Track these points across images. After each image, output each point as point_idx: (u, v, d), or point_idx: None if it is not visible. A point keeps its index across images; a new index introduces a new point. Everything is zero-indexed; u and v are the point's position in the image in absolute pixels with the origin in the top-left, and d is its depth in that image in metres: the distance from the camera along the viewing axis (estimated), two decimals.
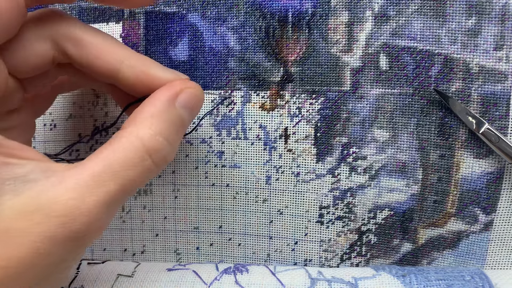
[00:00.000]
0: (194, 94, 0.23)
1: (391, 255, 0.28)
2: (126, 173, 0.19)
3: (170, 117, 0.22)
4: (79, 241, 0.19)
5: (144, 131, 0.20)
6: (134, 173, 0.20)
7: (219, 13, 0.28)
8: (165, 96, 0.22)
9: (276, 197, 0.29)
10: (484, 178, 0.26)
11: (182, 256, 0.31)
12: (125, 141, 0.20)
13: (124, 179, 0.19)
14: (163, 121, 0.21)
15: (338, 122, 0.27)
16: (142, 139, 0.20)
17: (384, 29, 0.26)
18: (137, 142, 0.20)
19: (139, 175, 0.20)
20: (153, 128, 0.21)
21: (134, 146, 0.20)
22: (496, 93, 0.25)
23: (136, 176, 0.20)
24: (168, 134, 0.21)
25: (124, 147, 0.20)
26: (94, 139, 0.31)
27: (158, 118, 0.21)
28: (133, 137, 0.20)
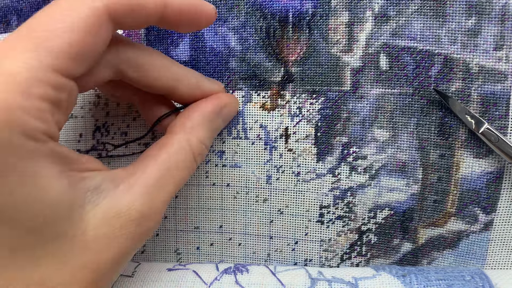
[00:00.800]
0: (235, 109, 0.28)
1: (391, 255, 0.28)
2: (180, 175, 0.23)
3: (212, 126, 0.26)
4: (150, 234, 0.22)
5: (193, 138, 0.24)
6: (186, 174, 0.23)
7: (219, 13, 0.28)
8: (213, 107, 0.25)
9: (276, 197, 0.29)
10: (484, 178, 0.26)
11: (182, 256, 0.31)
12: (178, 147, 0.23)
13: (179, 179, 0.23)
14: (207, 130, 0.25)
15: (339, 122, 0.28)
16: (191, 146, 0.24)
17: (384, 29, 0.26)
18: (187, 148, 0.24)
19: (188, 175, 0.24)
20: (199, 136, 0.24)
21: (186, 151, 0.23)
22: (496, 93, 0.25)
23: (186, 176, 0.24)
24: (208, 141, 0.25)
25: (178, 152, 0.23)
26: (95, 139, 0.31)
27: (204, 126, 0.25)
28: (184, 142, 0.24)
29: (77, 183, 0.20)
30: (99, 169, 0.22)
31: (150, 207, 0.21)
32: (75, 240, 0.19)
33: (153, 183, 0.22)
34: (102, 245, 0.20)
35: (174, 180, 0.23)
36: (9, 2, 0.31)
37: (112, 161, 0.31)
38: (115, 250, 0.20)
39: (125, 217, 0.21)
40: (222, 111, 0.26)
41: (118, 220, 0.21)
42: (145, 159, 0.23)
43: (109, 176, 0.21)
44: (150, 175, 0.22)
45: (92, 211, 0.20)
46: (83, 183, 0.20)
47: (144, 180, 0.22)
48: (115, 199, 0.21)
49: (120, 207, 0.21)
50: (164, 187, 0.22)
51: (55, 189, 0.19)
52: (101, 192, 0.21)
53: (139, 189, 0.21)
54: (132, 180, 0.22)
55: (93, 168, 0.21)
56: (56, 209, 0.19)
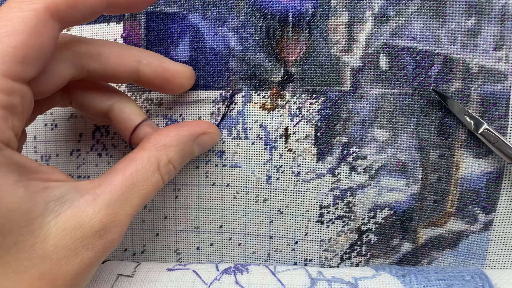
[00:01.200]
0: (213, 139, 0.28)
1: (391, 255, 0.28)
2: (145, 190, 0.23)
3: (185, 150, 0.26)
4: (112, 248, 0.22)
5: (163, 156, 0.24)
6: (151, 189, 0.24)
7: (219, 13, 0.28)
8: (190, 132, 0.26)
9: (276, 197, 0.29)
10: (483, 178, 0.26)
11: (182, 256, 0.31)
12: (147, 163, 0.24)
13: (144, 194, 0.23)
14: (178, 151, 0.25)
15: (338, 122, 0.28)
16: (159, 164, 0.24)
17: (384, 29, 0.26)
18: (155, 165, 0.24)
19: (154, 191, 0.24)
20: (169, 156, 0.25)
21: (153, 169, 0.24)
22: (496, 93, 0.25)
23: (152, 191, 0.24)
24: (178, 162, 0.25)
25: (145, 168, 0.23)
26: (94, 139, 0.31)
27: (176, 148, 0.25)
28: (153, 159, 0.24)
29: (37, 192, 0.20)
30: (64, 180, 0.22)
31: (113, 219, 0.21)
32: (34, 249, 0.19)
33: (118, 195, 0.22)
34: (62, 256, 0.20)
35: (139, 195, 0.23)
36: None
37: (112, 161, 0.31)
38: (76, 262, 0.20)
39: (87, 228, 0.21)
40: (200, 137, 0.26)
41: (79, 230, 0.20)
42: (113, 172, 0.23)
43: (74, 187, 0.21)
44: (116, 187, 0.22)
45: (54, 220, 0.20)
46: (45, 192, 0.20)
47: (110, 192, 0.22)
48: (78, 209, 0.21)
49: (82, 217, 0.21)
50: (129, 200, 0.22)
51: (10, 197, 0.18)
52: (65, 202, 0.21)
53: (104, 201, 0.21)
54: (98, 191, 0.22)
55: (57, 178, 0.21)
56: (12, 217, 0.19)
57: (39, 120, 0.31)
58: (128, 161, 0.24)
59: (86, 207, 0.21)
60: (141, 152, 0.24)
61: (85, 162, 0.31)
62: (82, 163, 0.31)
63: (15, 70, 0.18)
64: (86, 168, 0.31)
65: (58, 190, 0.21)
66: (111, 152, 0.31)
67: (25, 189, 0.19)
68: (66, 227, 0.20)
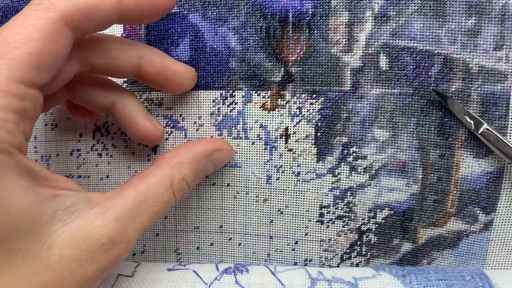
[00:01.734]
0: (227, 156, 0.28)
1: (391, 255, 0.28)
2: (156, 207, 0.23)
3: (199, 167, 0.26)
4: (117, 263, 0.22)
5: (176, 174, 0.24)
6: (162, 207, 0.23)
7: (220, 13, 0.28)
8: (204, 149, 0.26)
9: (276, 197, 0.29)
10: (484, 178, 0.26)
11: (182, 256, 0.31)
12: (160, 180, 0.24)
13: (154, 211, 0.23)
14: (192, 168, 0.25)
15: (339, 121, 0.28)
16: (172, 181, 0.24)
17: (384, 29, 0.26)
18: (168, 183, 0.24)
19: (165, 208, 0.24)
20: (183, 173, 0.25)
21: (166, 186, 0.24)
22: (496, 93, 0.25)
23: (162, 209, 0.24)
24: (191, 180, 0.25)
25: (158, 185, 0.23)
26: (95, 138, 0.31)
27: (190, 165, 0.25)
28: (167, 176, 0.24)
29: (46, 200, 0.20)
30: (75, 190, 0.21)
31: (121, 234, 0.21)
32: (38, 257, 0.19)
33: (128, 210, 0.22)
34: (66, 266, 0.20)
35: (149, 211, 0.23)
36: (9, 2, 0.31)
37: (112, 161, 0.31)
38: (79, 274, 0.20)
39: (94, 241, 0.20)
40: (213, 154, 0.27)
41: (86, 242, 0.20)
42: (125, 187, 0.23)
43: (85, 198, 0.21)
44: (126, 202, 0.22)
45: (61, 229, 0.20)
46: (54, 200, 0.20)
47: (120, 206, 0.22)
48: (87, 221, 0.20)
49: (90, 229, 0.20)
50: (139, 216, 0.22)
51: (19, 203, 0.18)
52: (74, 212, 0.20)
53: (113, 214, 0.21)
54: (108, 204, 0.22)
55: (68, 187, 0.21)
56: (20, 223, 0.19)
57: (39, 120, 0.31)
58: (141, 177, 0.24)
59: (95, 219, 0.21)
60: (155, 169, 0.24)
61: (85, 162, 0.31)
62: (82, 163, 0.31)
63: (29, 76, 0.19)
64: (86, 168, 0.31)
65: (68, 199, 0.21)
66: (111, 152, 0.31)
67: (35, 196, 0.19)
68: (72, 238, 0.20)
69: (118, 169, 0.31)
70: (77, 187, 0.22)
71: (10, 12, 0.31)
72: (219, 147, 0.27)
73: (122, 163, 0.31)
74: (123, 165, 0.31)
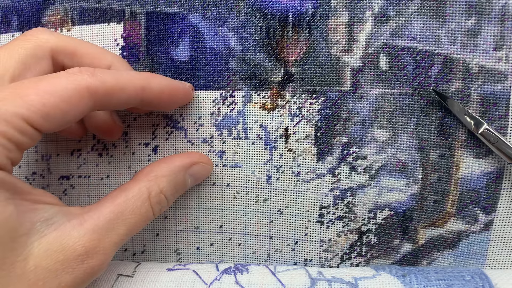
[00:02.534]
0: (205, 169, 0.29)
1: (391, 255, 0.28)
2: (133, 220, 0.23)
3: (176, 180, 0.26)
4: (93, 276, 0.22)
5: (153, 187, 0.25)
6: (139, 219, 0.24)
7: (219, 13, 0.28)
8: (181, 162, 0.27)
9: (276, 197, 0.29)
10: (484, 178, 0.26)
11: (182, 256, 0.31)
12: (137, 193, 0.24)
13: (131, 224, 0.23)
14: (170, 182, 0.26)
15: (338, 122, 0.28)
16: (150, 194, 0.25)
17: (384, 29, 0.26)
18: (145, 195, 0.24)
19: (143, 221, 0.24)
20: (160, 186, 0.25)
21: (143, 199, 0.24)
22: (496, 93, 0.25)
23: (140, 222, 0.24)
24: (170, 193, 0.26)
25: (135, 198, 0.24)
26: (95, 139, 0.31)
27: (168, 178, 0.26)
28: (144, 189, 0.24)
29: (26, 212, 0.20)
30: (54, 204, 0.22)
31: (97, 245, 0.22)
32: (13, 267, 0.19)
33: (104, 222, 0.22)
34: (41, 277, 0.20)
35: (126, 224, 0.23)
36: (10, 2, 0.31)
37: (113, 160, 0.31)
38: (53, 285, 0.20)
39: (70, 251, 0.21)
40: (192, 168, 0.27)
41: (61, 253, 0.20)
42: (104, 200, 0.24)
43: (63, 211, 0.22)
44: (103, 214, 0.22)
45: (38, 241, 0.20)
46: (33, 213, 0.21)
47: (97, 218, 0.22)
48: (64, 232, 0.21)
49: (66, 240, 0.21)
50: (116, 228, 0.23)
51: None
52: (52, 224, 0.21)
53: (90, 226, 0.22)
54: (85, 216, 0.22)
55: (47, 201, 0.22)
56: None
57: None
58: (120, 191, 0.24)
59: (71, 230, 0.21)
60: (133, 183, 0.25)
61: (86, 162, 0.31)
62: (82, 163, 0.31)
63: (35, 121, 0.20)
64: (87, 168, 0.31)
65: (46, 212, 0.21)
66: (112, 152, 0.31)
67: (15, 207, 0.20)
68: (48, 249, 0.20)
69: (118, 169, 0.31)
70: (57, 201, 0.23)
71: (10, 12, 0.31)
72: (197, 161, 0.28)
73: (122, 163, 0.31)
74: (123, 165, 0.31)
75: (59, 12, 0.30)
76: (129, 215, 0.23)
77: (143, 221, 0.24)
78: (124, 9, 0.29)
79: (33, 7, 0.31)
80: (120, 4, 0.29)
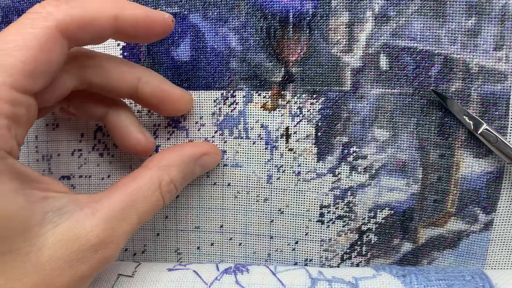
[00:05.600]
0: (215, 160, 0.28)
1: (392, 255, 0.28)
2: (144, 208, 0.23)
3: (187, 170, 0.26)
4: (106, 264, 0.22)
5: (164, 176, 0.25)
6: (150, 208, 0.24)
7: (220, 13, 0.28)
8: (191, 152, 0.27)
9: (277, 197, 0.29)
10: (484, 178, 0.26)
11: (182, 256, 0.31)
12: (148, 181, 0.24)
13: (142, 212, 0.23)
14: (180, 171, 0.26)
15: (339, 121, 0.28)
16: (161, 183, 0.24)
17: (384, 29, 0.26)
18: (157, 184, 0.24)
19: (153, 210, 0.24)
20: (171, 176, 0.25)
21: (154, 187, 0.24)
22: (496, 93, 0.25)
23: (151, 210, 0.24)
24: (179, 182, 0.26)
25: (146, 186, 0.24)
26: (96, 138, 0.31)
27: (178, 168, 0.25)
28: (155, 178, 0.24)
29: (37, 202, 0.20)
30: (64, 192, 0.22)
31: (110, 235, 0.21)
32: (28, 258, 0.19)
33: (117, 212, 0.22)
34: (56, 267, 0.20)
35: (138, 213, 0.23)
36: (10, 2, 0.31)
37: (113, 161, 0.31)
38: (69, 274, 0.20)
39: (84, 241, 0.21)
40: (201, 158, 0.27)
41: (76, 243, 0.20)
42: (114, 188, 0.23)
43: (74, 199, 0.22)
44: (115, 203, 0.22)
45: (51, 231, 0.20)
46: (44, 202, 0.20)
47: (109, 207, 0.22)
48: (77, 222, 0.21)
49: (80, 230, 0.21)
50: (128, 218, 0.22)
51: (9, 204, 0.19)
52: (64, 214, 0.21)
53: (103, 215, 0.21)
54: (97, 205, 0.22)
55: (57, 190, 0.22)
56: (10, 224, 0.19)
57: (41, 120, 0.31)
58: (130, 179, 0.24)
59: (85, 220, 0.21)
60: (144, 171, 0.24)
61: (87, 162, 0.31)
62: (83, 163, 0.31)
63: (22, 83, 0.19)
64: (88, 168, 0.31)
65: (58, 201, 0.21)
66: (113, 152, 0.31)
67: (25, 198, 0.19)
68: (62, 239, 0.20)
69: (119, 169, 0.31)
70: (66, 189, 0.22)
71: (11, 12, 0.31)
72: (207, 151, 0.28)
73: (123, 163, 0.31)
74: (124, 165, 0.31)
75: None
76: (141, 204, 0.23)
77: (154, 210, 0.24)
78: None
79: None
80: None
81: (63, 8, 0.20)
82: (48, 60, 0.20)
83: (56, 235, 0.20)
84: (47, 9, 0.20)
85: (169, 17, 0.25)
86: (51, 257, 0.20)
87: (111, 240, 0.21)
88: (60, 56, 0.21)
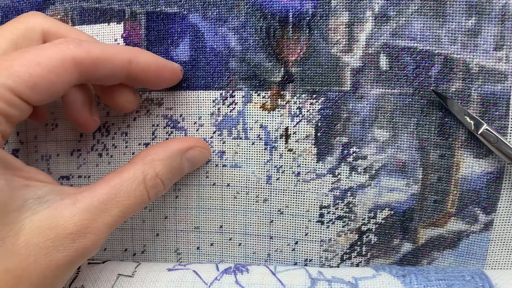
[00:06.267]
0: (203, 154, 0.28)
1: (391, 255, 0.28)
2: (127, 202, 0.23)
3: (173, 164, 0.26)
4: (85, 256, 0.22)
5: (149, 171, 0.25)
6: (134, 202, 0.24)
7: (220, 13, 0.28)
8: (178, 146, 0.27)
9: (276, 197, 0.29)
10: (484, 178, 0.26)
11: (182, 256, 0.31)
12: (132, 176, 0.24)
13: (125, 206, 0.23)
14: (166, 166, 0.26)
15: (339, 122, 0.28)
16: (145, 177, 0.24)
17: (384, 29, 0.26)
18: (140, 178, 0.24)
19: (136, 205, 0.24)
20: (156, 170, 0.25)
21: (138, 181, 0.24)
22: (496, 93, 0.25)
23: (134, 205, 0.24)
24: (166, 177, 0.26)
25: (130, 180, 0.24)
26: (95, 139, 0.31)
27: (164, 162, 0.25)
28: (140, 173, 0.24)
29: (18, 188, 0.20)
30: (48, 182, 0.22)
31: (89, 225, 0.21)
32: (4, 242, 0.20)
33: (97, 203, 0.22)
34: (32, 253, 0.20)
35: (120, 206, 0.23)
36: (10, 2, 0.31)
37: (113, 161, 0.31)
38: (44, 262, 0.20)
39: (61, 229, 0.21)
40: (188, 152, 0.27)
41: (53, 230, 0.21)
42: (99, 181, 0.24)
43: (57, 190, 0.22)
44: (97, 195, 0.22)
45: (30, 217, 0.20)
46: (25, 190, 0.21)
47: (90, 198, 0.22)
48: (56, 210, 0.21)
49: (58, 218, 0.21)
50: (109, 210, 0.22)
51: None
52: (45, 202, 0.21)
53: (83, 205, 0.22)
54: (79, 196, 0.22)
55: (40, 179, 0.22)
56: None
57: None
58: (115, 173, 0.24)
59: (64, 209, 0.21)
60: (129, 166, 0.25)
61: (86, 162, 0.31)
62: (82, 163, 0.31)
63: (22, 91, 0.20)
64: (87, 168, 0.31)
65: (40, 190, 0.21)
66: (112, 152, 0.31)
67: (6, 182, 0.20)
68: (40, 225, 0.20)
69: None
70: (51, 180, 0.23)
71: (11, 12, 0.31)
72: (194, 145, 0.28)
73: (122, 163, 0.31)
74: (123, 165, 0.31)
75: (59, 12, 0.30)
76: (123, 197, 0.23)
77: (138, 204, 0.24)
78: (124, 9, 0.29)
79: (33, 7, 0.31)
80: (120, 4, 0.29)
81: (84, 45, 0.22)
82: (54, 81, 0.21)
83: (34, 222, 0.20)
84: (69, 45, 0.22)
85: (178, 66, 0.28)
86: (27, 243, 0.20)
87: (89, 230, 0.21)
88: (66, 84, 0.22)
